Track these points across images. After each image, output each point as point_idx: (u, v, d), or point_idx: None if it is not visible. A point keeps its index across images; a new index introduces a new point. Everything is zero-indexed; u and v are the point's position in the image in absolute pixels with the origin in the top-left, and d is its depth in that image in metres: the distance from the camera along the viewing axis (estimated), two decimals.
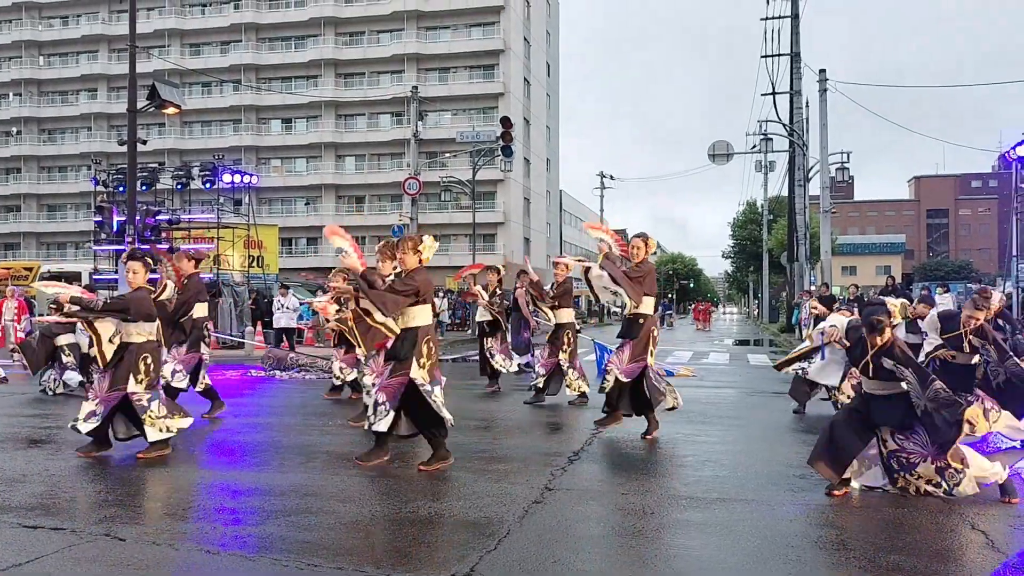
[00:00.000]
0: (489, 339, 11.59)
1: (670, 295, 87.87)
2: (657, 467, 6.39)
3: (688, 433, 8.00)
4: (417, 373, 6.04)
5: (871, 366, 5.35)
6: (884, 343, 5.29)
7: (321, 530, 4.59)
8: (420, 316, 6.17)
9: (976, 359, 6.43)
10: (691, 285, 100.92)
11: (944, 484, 5.23)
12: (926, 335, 7.14)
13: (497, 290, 11.76)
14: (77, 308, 6.48)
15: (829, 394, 9.30)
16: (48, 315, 8.17)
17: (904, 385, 5.18)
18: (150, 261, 6.83)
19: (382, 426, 5.99)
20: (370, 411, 6.12)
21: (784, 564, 4.07)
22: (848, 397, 9.10)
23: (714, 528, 4.69)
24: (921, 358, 6.59)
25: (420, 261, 6.25)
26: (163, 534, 4.48)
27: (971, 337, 6.32)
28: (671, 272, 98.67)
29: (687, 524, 4.79)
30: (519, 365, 11.96)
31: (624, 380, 7.51)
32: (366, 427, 6.28)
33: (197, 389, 8.93)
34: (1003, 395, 6.32)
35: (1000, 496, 5.29)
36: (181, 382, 8.78)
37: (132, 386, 6.58)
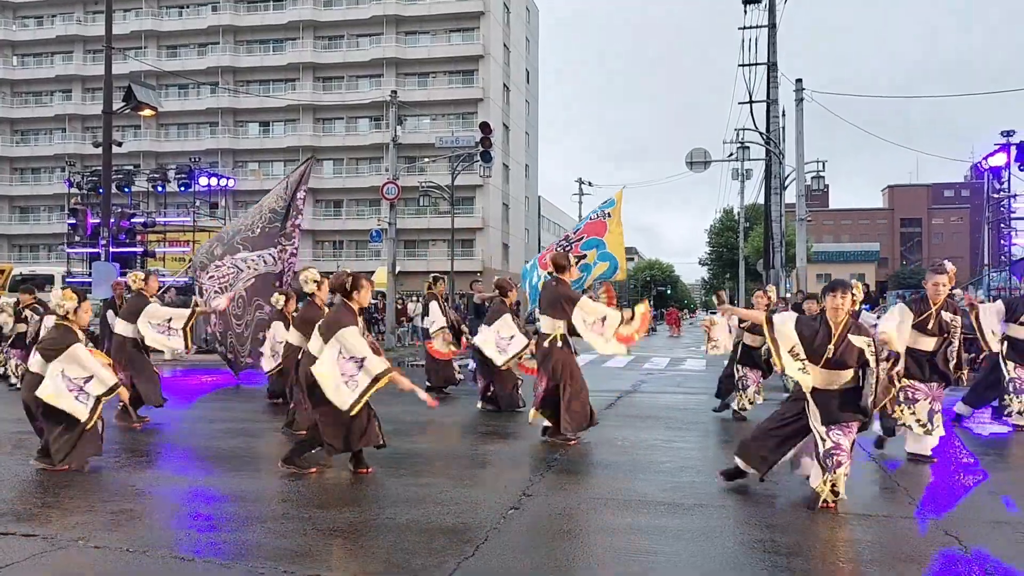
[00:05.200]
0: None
1: (649, 302, 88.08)
2: (635, 473, 6.40)
3: (666, 439, 8.04)
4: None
5: None
6: None
7: (297, 536, 4.55)
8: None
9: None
10: (668, 292, 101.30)
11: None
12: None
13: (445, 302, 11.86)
14: None
15: None
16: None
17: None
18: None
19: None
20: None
21: (760, 570, 4.10)
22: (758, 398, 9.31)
23: (691, 534, 4.71)
24: None
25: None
26: (136, 541, 4.42)
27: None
28: (648, 279, 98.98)
29: (664, 530, 4.81)
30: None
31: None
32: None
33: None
34: None
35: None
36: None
37: None
